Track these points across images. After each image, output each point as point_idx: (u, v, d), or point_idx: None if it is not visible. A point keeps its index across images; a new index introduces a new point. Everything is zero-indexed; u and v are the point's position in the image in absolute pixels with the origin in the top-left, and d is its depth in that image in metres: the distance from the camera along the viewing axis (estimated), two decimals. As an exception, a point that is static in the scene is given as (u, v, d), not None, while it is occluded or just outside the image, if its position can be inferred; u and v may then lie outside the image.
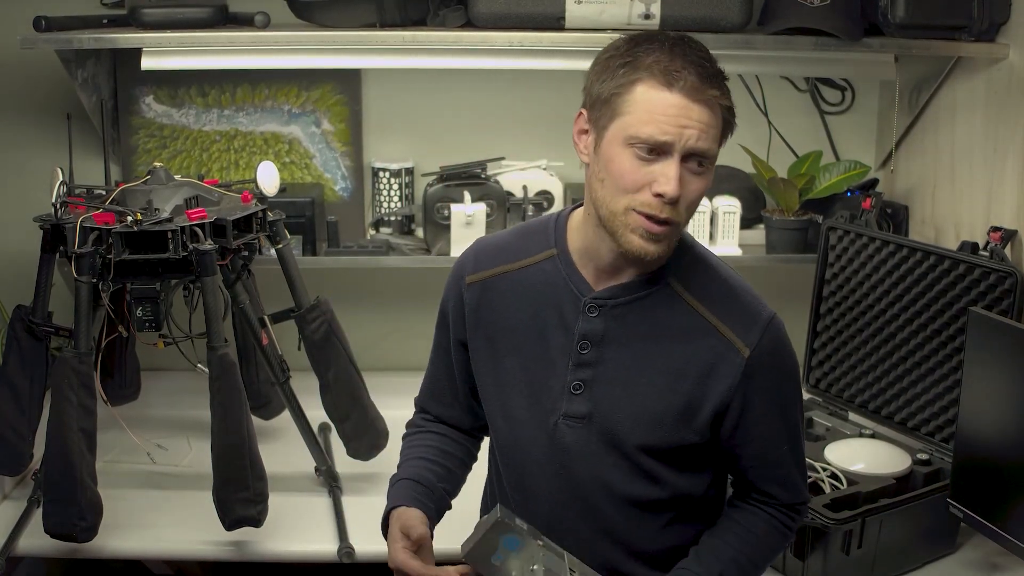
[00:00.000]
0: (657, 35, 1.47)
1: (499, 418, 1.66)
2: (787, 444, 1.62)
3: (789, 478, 1.64)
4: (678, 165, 1.42)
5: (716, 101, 1.43)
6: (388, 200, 2.81)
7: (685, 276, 1.57)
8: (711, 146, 1.44)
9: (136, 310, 2.08)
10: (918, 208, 2.70)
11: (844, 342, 2.43)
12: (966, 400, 1.94)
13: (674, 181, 1.42)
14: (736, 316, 1.55)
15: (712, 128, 1.43)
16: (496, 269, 1.64)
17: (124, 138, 2.78)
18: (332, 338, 2.29)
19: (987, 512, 1.88)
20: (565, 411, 1.59)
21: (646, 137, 1.42)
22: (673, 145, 1.42)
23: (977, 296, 2.12)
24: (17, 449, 2.21)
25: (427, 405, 1.81)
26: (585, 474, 1.59)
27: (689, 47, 1.45)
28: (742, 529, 1.64)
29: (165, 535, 2.18)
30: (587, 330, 1.57)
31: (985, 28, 2.34)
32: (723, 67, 1.47)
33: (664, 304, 1.56)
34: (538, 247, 1.62)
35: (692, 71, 1.41)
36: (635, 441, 1.57)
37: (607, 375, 1.57)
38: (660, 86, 1.41)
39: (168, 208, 2.08)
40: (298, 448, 2.38)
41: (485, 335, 1.64)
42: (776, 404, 1.60)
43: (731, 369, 1.54)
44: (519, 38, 2.36)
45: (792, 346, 1.62)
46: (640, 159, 1.43)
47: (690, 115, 1.41)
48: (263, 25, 2.41)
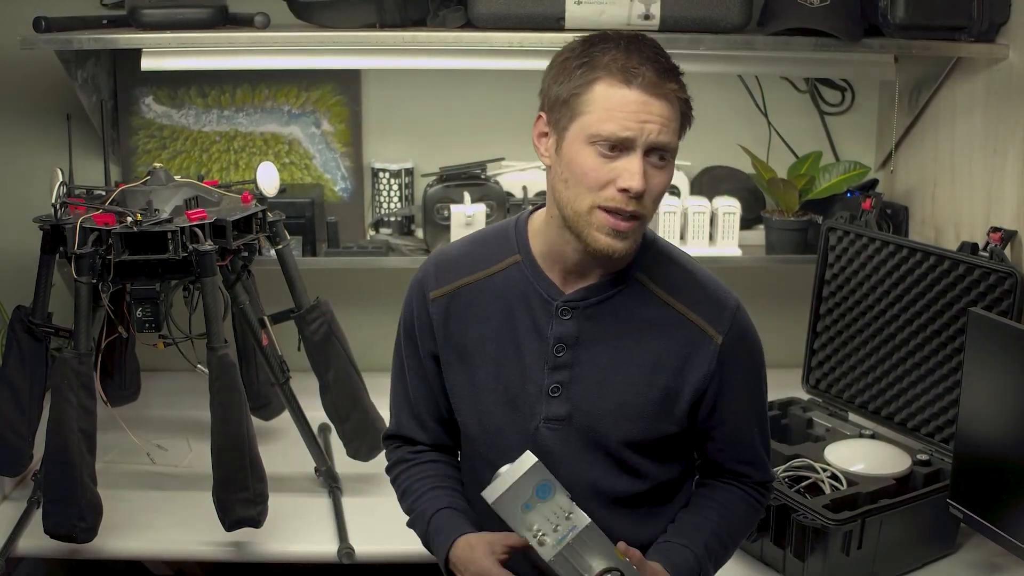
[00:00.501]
0: (611, 35, 1.48)
1: (475, 427, 1.65)
2: (756, 425, 1.67)
3: (758, 457, 1.68)
4: (641, 159, 1.44)
5: (674, 95, 1.46)
6: (388, 201, 2.81)
7: (651, 270, 1.60)
8: (671, 139, 1.47)
9: (136, 311, 2.08)
10: (918, 208, 2.70)
11: (844, 343, 2.43)
12: (966, 401, 1.94)
13: (638, 175, 1.44)
14: (705, 305, 1.59)
15: (672, 121, 1.46)
16: (460, 281, 1.63)
17: (124, 139, 2.78)
18: (332, 339, 2.29)
19: (987, 512, 1.88)
20: (545, 414, 1.59)
21: (608, 134, 1.43)
22: (635, 140, 1.43)
23: (977, 297, 2.12)
24: (17, 450, 2.21)
25: (407, 432, 1.73)
26: (569, 474, 1.59)
27: (644, 44, 1.47)
28: (718, 505, 1.67)
29: (165, 536, 2.18)
30: (561, 333, 1.57)
31: (985, 28, 2.34)
32: (678, 64, 1.50)
33: (634, 299, 1.58)
34: (500, 254, 1.62)
35: (649, 67, 1.43)
36: (617, 437, 1.59)
37: (584, 375, 1.58)
38: (619, 83, 1.43)
39: (168, 209, 2.08)
40: (298, 449, 2.38)
41: (456, 347, 1.63)
42: (747, 386, 1.63)
43: (706, 356, 1.57)
44: (519, 38, 2.36)
45: (756, 330, 1.66)
46: (603, 156, 1.45)
47: (650, 110, 1.43)
48: (263, 26, 2.41)
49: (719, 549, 1.64)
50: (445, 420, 1.71)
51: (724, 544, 1.65)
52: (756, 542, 2.04)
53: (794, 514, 1.95)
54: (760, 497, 1.70)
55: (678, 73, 1.48)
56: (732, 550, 1.69)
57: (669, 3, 2.35)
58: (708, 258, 2.69)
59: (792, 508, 1.96)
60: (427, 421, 1.70)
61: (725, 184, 2.82)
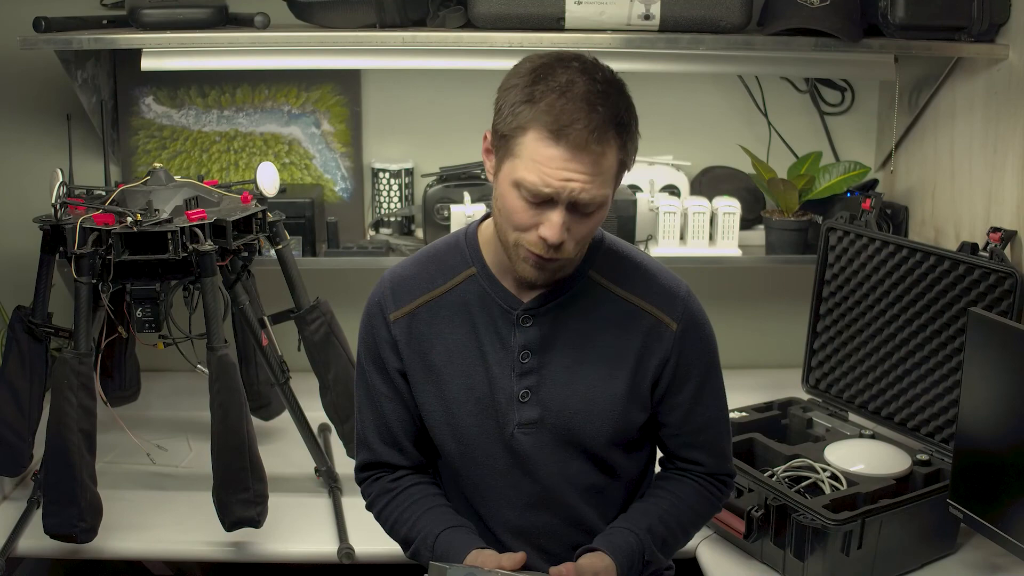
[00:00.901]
0: (559, 67, 1.43)
1: (450, 443, 1.66)
2: (711, 411, 1.70)
3: (715, 444, 1.72)
4: (562, 213, 1.45)
5: (607, 150, 1.43)
6: (388, 201, 2.81)
7: (603, 268, 1.63)
8: (597, 194, 1.45)
9: (136, 311, 2.08)
10: (918, 209, 2.70)
11: (844, 343, 2.43)
12: (966, 401, 1.94)
13: (557, 229, 1.45)
14: (657, 294, 1.63)
15: (599, 176, 1.44)
16: (418, 300, 1.64)
17: (124, 139, 2.78)
18: (332, 339, 2.29)
19: (987, 513, 1.88)
20: (518, 420, 1.63)
21: (530, 185, 1.44)
22: (557, 196, 1.44)
23: (977, 297, 2.12)
24: (17, 450, 2.21)
25: (385, 458, 1.71)
26: (548, 474, 1.65)
27: (587, 85, 1.41)
28: (668, 492, 1.71)
29: (165, 536, 2.18)
30: (525, 340, 1.61)
31: (985, 29, 2.34)
32: (631, 104, 1.46)
33: (591, 298, 1.62)
34: (455, 268, 1.64)
35: (581, 123, 1.40)
36: (589, 433, 1.63)
37: (551, 378, 1.62)
38: (547, 138, 1.41)
39: (168, 209, 2.08)
40: (298, 449, 2.38)
41: (423, 365, 1.64)
42: (699, 370, 1.67)
43: (663, 344, 1.62)
44: (519, 39, 2.36)
45: (707, 316, 1.69)
46: (527, 202, 1.46)
47: (575, 168, 1.42)
48: (263, 26, 2.41)
49: (665, 532, 1.67)
50: (420, 440, 1.71)
51: (671, 528, 1.68)
52: (756, 542, 2.04)
53: (794, 514, 1.95)
54: (715, 490, 1.73)
55: (617, 121, 1.43)
56: (683, 537, 1.72)
57: (669, 3, 2.35)
58: (708, 258, 2.70)
59: (792, 508, 1.96)
60: (403, 443, 1.70)
61: (725, 184, 2.82)
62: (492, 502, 1.69)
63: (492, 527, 1.69)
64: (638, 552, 1.63)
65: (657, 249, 2.68)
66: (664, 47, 2.39)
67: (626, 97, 1.47)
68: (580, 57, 1.46)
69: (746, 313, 2.96)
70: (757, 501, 2.03)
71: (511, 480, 1.66)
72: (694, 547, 2.13)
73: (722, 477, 1.75)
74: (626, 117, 1.45)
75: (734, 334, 2.94)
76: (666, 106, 2.84)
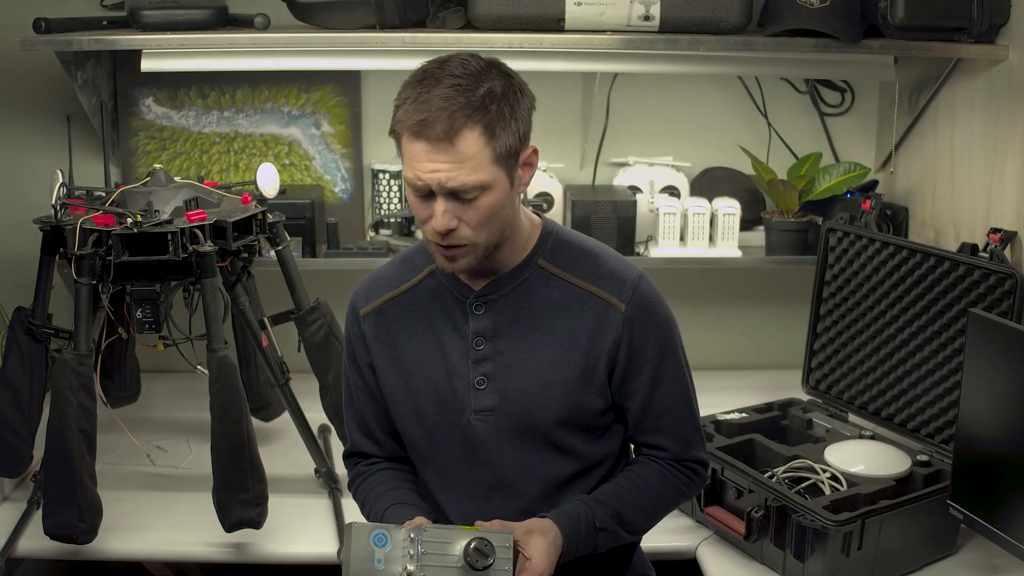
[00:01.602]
0: (417, 76, 1.53)
1: (415, 430, 1.73)
2: (672, 396, 1.71)
3: (678, 429, 1.73)
4: (443, 203, 1.53)
5: (467, 136, 1.49)
6: (388, 202, 2.81)
7: (552, 256, 1.68)
8: (468, 180, 1.51)
9: (136, 312, 2.08)
10: (918, 209, 2.70)
11: (844, 344, 2.43)
12: (966, 401, 1.94)
13: (439, 217, 1.54)
14: (607, 278, 1.67)
15: (465, 163, 1.50)
16: (385, 296, 1.73)
17: (124, 140, 2.78)
18: (332, 340, 2.29)
19: (987, 513, 1.88)
20: (474, 407, 1.68)
21: (410, 181, 1.55)
22: (431, 188, 1.53)
23: (977, 297, 2.12)
24: (17, 451, 2.21)
25: (362, 448, 1.81)
26: (504, 462, 1.68)
27: (449, 79, 1.50)
28: (629, 472, 1.74)
29: (165, 537, 2.18)
30: (478, 328, 1.67)
31: (984, 30, 2.34)
32: (489, 84, 1.51)
33: (540, 285, 1.67)
34: (418, 268, 1.73)
35: (433, 117, 1.48)
36: (545, 418, 1.66)
37: (505, 363, 1.67)
38: (411, 136, 1.51)
39: (168, 210, 2.08)
40: (298, 450, 2.38)
41: (389, 357, 1.72)
42: (655, 353, 1.68)
43: (613, 325, 1.65)
44: (519, 39, 2.36)
45: (665, 301, 1.71)
46: (417, 197, 1.56)
47: (438, 159, 1.50)
48: (263, 27, 2.41)
49: (619, 506, 1.68)
50: (394, 432, 1.79)
51: (626, 503, 1.69)
52: (756, 543, 2.04)
53: (794, 515, 1.95)
54: (681, 475, 1.74)
55: (474, 107, 1.49)
56: (643, 517, 1.72)
57: (669, 4, 2.35)
58: (708, 259, 2.70)
59: (792, 509, 1.96)
60: (378, 434, 1.79)
61: (725, 185, 2.82)
62: (452, 490, 1.74)
63: (450, 515, 1.73)
64: (585, 517, 1.64)
65: (657, 250, 2.68)
66: (664, 48, 2.39)
67: (494, 83, 1.52)
68: (455, 57, 1.54)
69: (746, 314, 2.96)
70: (757, 502, 2.03)
71: (468, 467, 1.71)
72: (694, 548, 2.13)
73: (689, 464, 1.75)
74: (487, 102, 1.50)
75: (734, 335, 2.95)
76: (666, 107, 2.84)
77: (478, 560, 1.52)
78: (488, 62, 1.55)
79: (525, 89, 1.57)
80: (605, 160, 2.87)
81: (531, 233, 1.68)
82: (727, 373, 2.84)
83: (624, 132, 2.85)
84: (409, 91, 1.52)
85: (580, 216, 2.60)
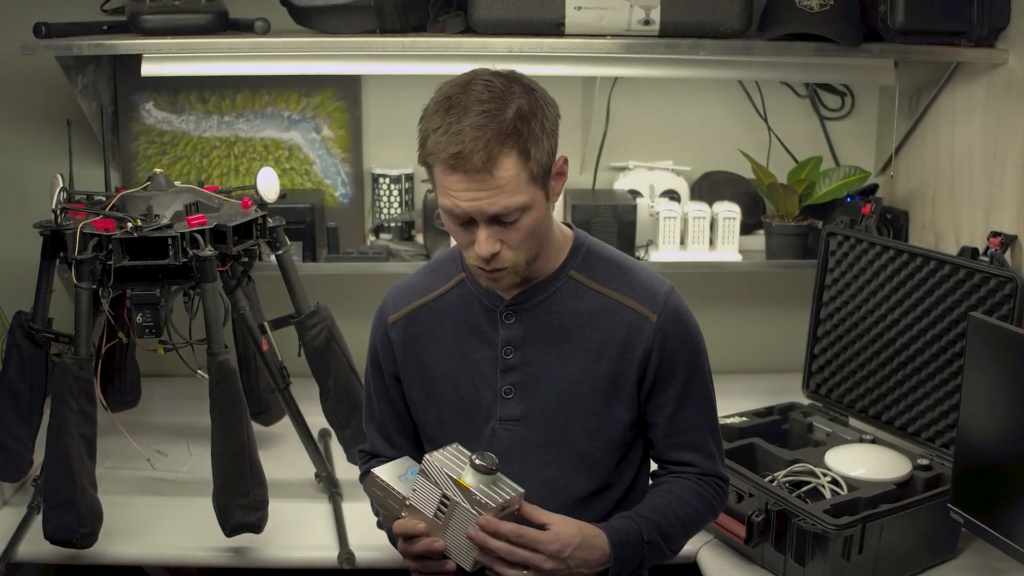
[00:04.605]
0: (442, 104, 1.50)
1: (439, 435, 1.72)
2: (699, 410, 1.70)
3: (704, 444, 1.71)
4: (485, 230, 1.53)
5: (501, 164, 1.47)
6: (388, 206, 2.81)
7: (584, 267, 1.68)
8: (509, 203, 1.50)
9: (136, 316, 2.08)
10: (918, 213, 2.70)
11: (844, 347, 2.43)
12: (966, 405, 1.94)
13: (483, 244, 1.53)
14: (638, 289, 1.66)
15: (504, 188, 1.49)
16: (414, 304, 1.73)
17: (124, 144, 2.79)
18: (332, 344, 2.29)
19: (988, 517, 1.88)
20: (500, 416, 1.67)
21: (448, 211, 1.53)
22: (473, 216, 1.51)
23: (977, 301, 2.12)
24: (17, 455, 2.22)
25: (379, 450, 1.81)
26: (526, 473, 1.65)
27: (476, 105, 1.47)
28: (663, 489, 1.71)
29: (165, 541, 2.18)
30: (508, 337, 1.66)
31: (984, 33, 2.35)
32: (519, 106, 1.48)
33: (571, 295, 1.66)
34: (448, 276, 1.73)
35: (468, 148, 1.46)
36: (571, 429, 1.66)
37: (534, 374, 1.66)
38: (448, 169, 1.49)
39: (168, 214, 2.08)
40: (298, 454, 2.38)
41: (416, 365, 1.72)
42: (685, 368, 1.67)
43: (643, 336, 1.64)
44: (519, 44, 2.36)
45: (694, 316, 1.70)
46: (456, 225, 1.55)
47: (478, 188, 1.49)
48: (263, 31, 2.41)
49: (661, 521, 1.65)
50: (412, 437, 1.79)
51: (667, 518, 1.66)
52: (757, 547, 2.04)
53: (794, 519, 1.95)
54: (709, 488, 1.72)
55: (507, 133, 1.47)
56: (682, 533, 1.69)
57: (669, 8, 2.35)
58: (708, 263, 2.70)
59: (792, 513, 1.96)
60: (395, 437, 1.80)
61: (725, 189, 2.82)
62: None
63: None
64: (633, 530, 1.62)
65: (657, 254, 2.68)
66: (664, 52, 2.40)
67: (520, 101, 1.49)
68: (476, 78, 1.51)
69: (746, 318, 2.96)
70: (758, 506, 2.03)
71: None
72: (695, 552, 2.13)
73: (714, 480, 1.74)
74: (519, 124, 1.49)
75: (734, 339, 2.95)
76: (666, 111, 2.84)
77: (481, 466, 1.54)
78: (508, 77, 1.52)
79: (548, 99, 1.55)
80: (605, 164, 2.87)
81: (563, 244, 1.68)
82: (727, 377, 2.80)
83: (624, 136, 2.85)
84: (437, 120, 1.49)
85: (580, 220, 2.60)
